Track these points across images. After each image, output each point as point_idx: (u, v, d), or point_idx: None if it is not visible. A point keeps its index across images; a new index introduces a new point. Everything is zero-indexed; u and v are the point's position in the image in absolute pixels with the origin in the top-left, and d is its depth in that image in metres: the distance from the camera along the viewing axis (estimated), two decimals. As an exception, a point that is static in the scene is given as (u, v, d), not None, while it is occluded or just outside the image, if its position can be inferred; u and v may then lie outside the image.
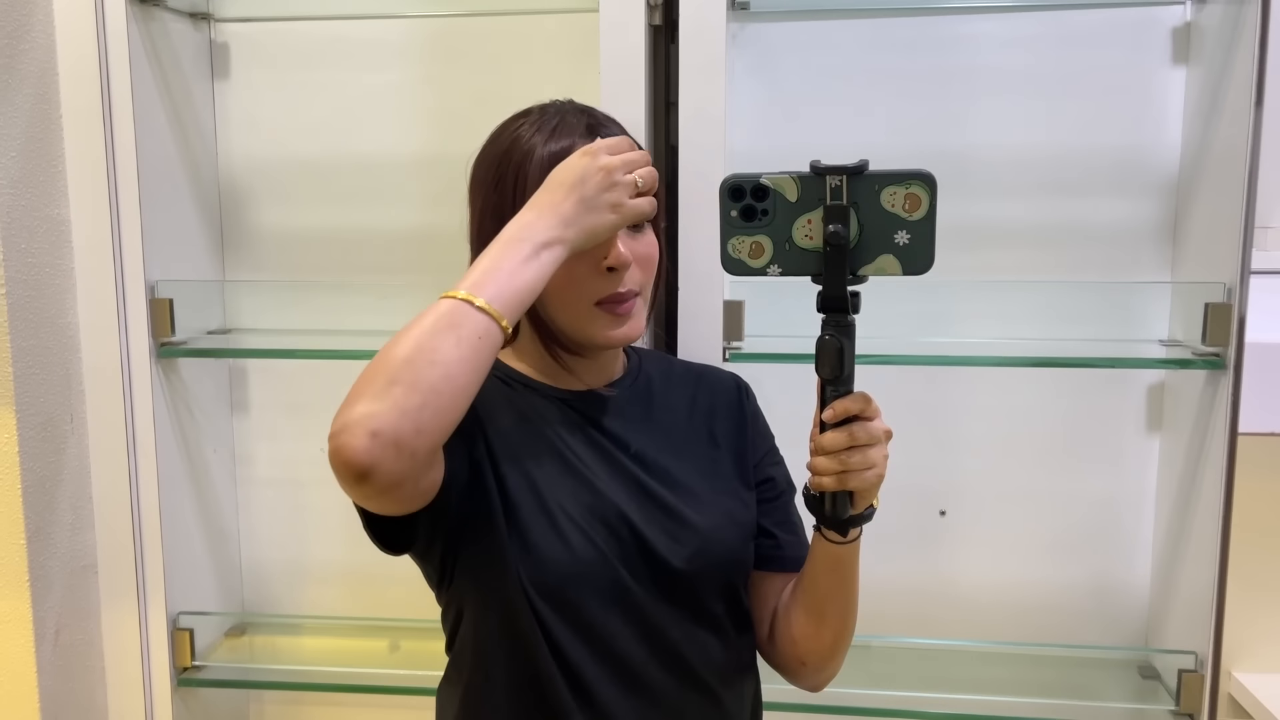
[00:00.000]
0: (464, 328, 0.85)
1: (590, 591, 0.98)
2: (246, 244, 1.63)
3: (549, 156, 0.97)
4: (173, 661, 1.50)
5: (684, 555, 1.02)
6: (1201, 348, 1.30)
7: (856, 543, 1.00)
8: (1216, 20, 1.34)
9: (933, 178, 0.88)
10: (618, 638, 1.00)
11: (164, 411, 1.48)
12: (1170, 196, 1.45)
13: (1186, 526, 1.41)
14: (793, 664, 1.10)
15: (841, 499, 0.94)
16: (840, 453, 0.91)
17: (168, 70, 1.48)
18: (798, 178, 0.91)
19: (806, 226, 0.91)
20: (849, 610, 1.05)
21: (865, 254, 0.90)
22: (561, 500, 0.99)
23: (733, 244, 0.94)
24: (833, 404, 0.91)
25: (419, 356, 0.83)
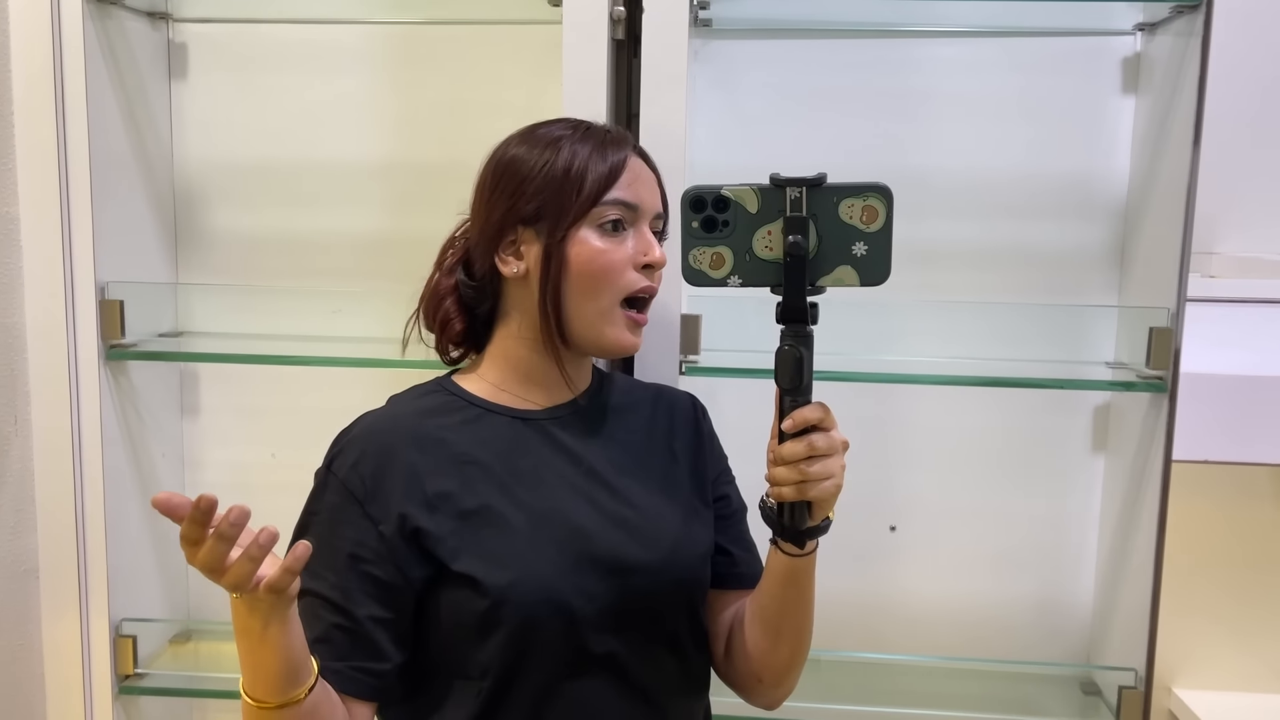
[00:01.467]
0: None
1: (546, 616, 0.98)
2: (201, 246, 1.61)
3: (610, 162, 1.02)
4: (114, 669, 1.47)
5: (645, 576, 1.02)
6: (1146, 371, 1.33)
7: (813, 555, 1.01)
8: (1165, 51, 1.37)
9: (889, 190, 0.90)
10: (574, 663, 1.00)
11: (112, 414, 1.45)
12: (1118, 222, 1.48)
13: (1128, 546, 1.44)
14: (749, 681, 1.11)
15: (799, 510, 0.95)
16: (800, 463, 0.92)
17: (124, 69, 1.47)
18: (758, 189, 0.92)
19: (766, 238, 0.93)
20: (805, 625, 1.06)
21: (824, 265, 0.92)
22: (514, 527, 1.00)
23: (694, 255, 0.95)
24: (792, 414, 0.92)
25: None
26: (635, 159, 1.05)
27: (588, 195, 1.01)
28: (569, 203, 1.01)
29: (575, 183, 1.01)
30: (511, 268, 1.04)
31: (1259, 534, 1.59)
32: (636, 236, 1.04)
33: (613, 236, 1.02)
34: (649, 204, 1.05)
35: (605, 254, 1.02)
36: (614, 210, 1.02)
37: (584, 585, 0.99)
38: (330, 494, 1.00)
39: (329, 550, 0.98)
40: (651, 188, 1.07)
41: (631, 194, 1.03)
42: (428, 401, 1.07)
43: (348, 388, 1.50)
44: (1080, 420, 1.54)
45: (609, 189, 1.02)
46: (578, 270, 1.01)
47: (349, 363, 1.44)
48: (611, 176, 1.02)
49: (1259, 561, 1.60)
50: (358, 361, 1.43)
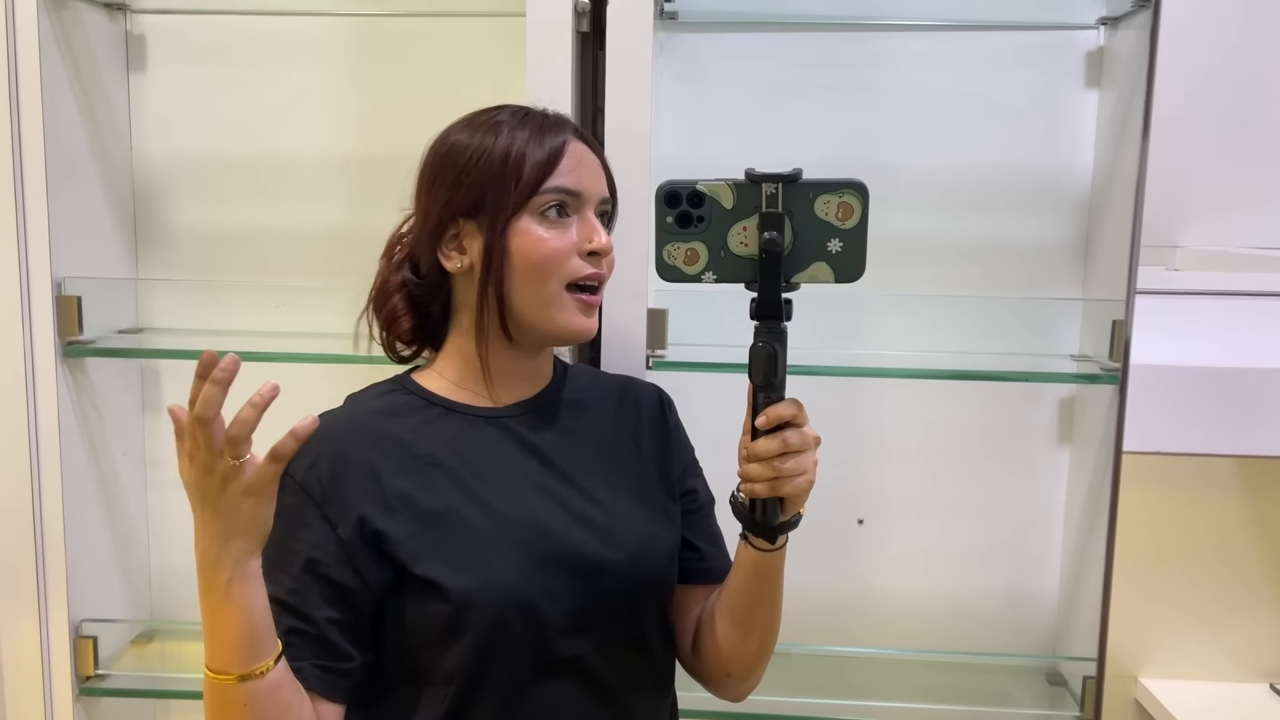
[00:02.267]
0: (228, 703, 0.88)
1: (509, 618, 0.97)
2: (162, 241, 1.59)
3: (548, 147, 1.00)
4: (75, 670, 1.45)
5: (612, 577, 1.01)
6: (1108, 363, 1.34)
7: (783, 550, 1.00)
8: (1127, 46, 1.38)
9: (865, 187, 0.90)
10: (540, 666, 0.99)
11: (70, 412, 1.43)
12: (1082, 215, 1.49)
13: (1092, 538, 1.45)
14: (717, 675, 1.10)
15: (772, 505, 0.94)
16: (773, 459, 0.92)
17: (80, 62, 1.44)
18: (733, 185, 0.92)
19: (741, 234, 0.92)
20: (774, 618, 1.06)
21: (799, 261, 0.91)
22: (476, 528, 0.98)
23: (668, 250, 0.94)
24: (766, 410, 0.92)
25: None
26: (576, 143, 1.03)
27: (526, 184, 0.99)
28: (507, 192, 0.99)
29: (513, 171, 0.99)
30: (455, 263, 1.02)
31: (1222, 524, 1.61)
32: (580, 223, 1.02)
33: (555, 224, 1.00)
34: (592, 189, 1.03)
35: (547, 242, 1.00)
36: (555, 198, 1.00)
37: (549, 587, 0.98)
38: (287, 495, 0.97)
39: (285, 553, 0.96)
40: (595, 173, 1.04)
41: (573, 180, 1.01)
42: (387, 401, 1.05)
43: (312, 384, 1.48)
44: (1045, 413, 1.55)
45: (548, 176, 1.00)
46: (520, 260, 0.99)
47: (313, 359, 1.42)
48: (550, 163, 1.00)
49: (1222, 551, 1.61)
50: (322, 358, 1.41)
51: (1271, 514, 1.62)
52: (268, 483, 0.84)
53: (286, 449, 0.83)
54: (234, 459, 0.82)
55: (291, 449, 0.83)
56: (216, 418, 0.81)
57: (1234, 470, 1.60)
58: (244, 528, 0.85)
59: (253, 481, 0.83)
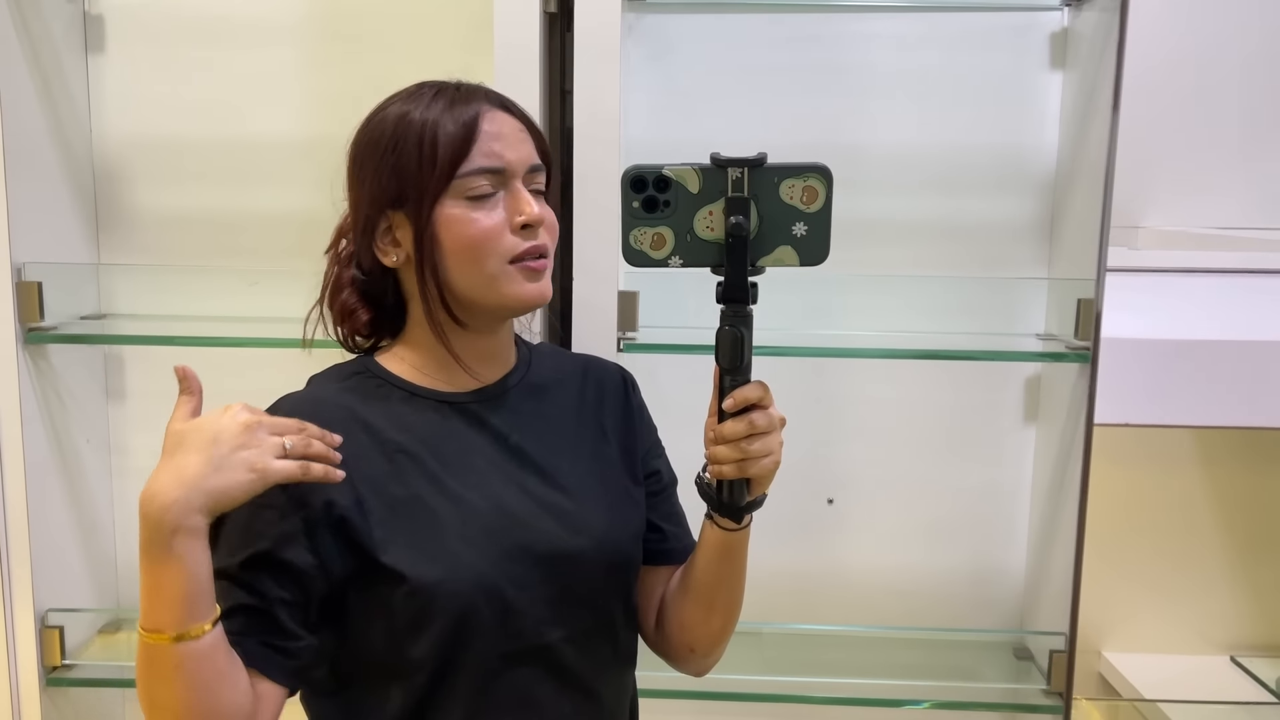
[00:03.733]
0: (160, 664, 0.86)
1: (477, 607, 0.96)
2: (123, 226, 1.56)
3: (461, 124, 0.96)
4: (41, 660, 1.44)
5: (578, 563, 1.01)
6: (1074, 341, 1.36)
7: (747, 529, 1.01)
8: (1091, 27, 1.39)
9: (829, 171, 0.90)
10: (508, 654, 0.99)
11: (31, 400, 1.41)
12: (1048, 195, 1.51)
13: (1058, 514, 1.47)
14: (681, 651, 1.11)
15: (739, 486, 0.95)
16: (740, 441, 0.92)
17: (37, 42, 1.41)
18: (699, 169, 0.92)
19: (708, 218, 0.92)
20: (737, 596, 1.07)
21: (764, 245, 0.92)
22: (441, 517, 0.98)
23: (634, 235, 0.94)
24: (732, 393, 0.92)
25: (151, 710, 0.89)
26: (493, 112, 0.98)
27: (443, 168, 0.95)
28: (426, 178, 0.96)
29: (429, 155, 0.95)
30: (392, 257, 1.00)
31: (1182, 499, 1.64)
32: (510, 196, 0.99)
33: (481, 203, 0.97)
34: (516, 162, 0.99)
35: (476, 222, 0.96)
36: (475, 180, 0.96)
37: (516, 576, 0.98)
38: None
39: (245, 533, 0.94)
40: (518, 143, 0.99)
41: (492, 158, 0.97)
42: (352, 385, 1.03)
43: (276, 369, 1.46)
44: (1012, 392, 1.56)
45: (465, 157, 0.96)
46: (452, 245, 0.97)
47: (277, 344, 1.41)
48: (466, 142, 0.96)
49: (1183, 525, 1.65)
50: (286, 342, 1.39)
51: (1230, 488, 1.65)
52: (276, 475, 0.87)
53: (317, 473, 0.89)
54: None
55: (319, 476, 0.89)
56: None
57: (1194, 445, 1.63)
58: (220, 488, 0.85)
59: (272, 466, 0.87)
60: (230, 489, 0.85)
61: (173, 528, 0.83)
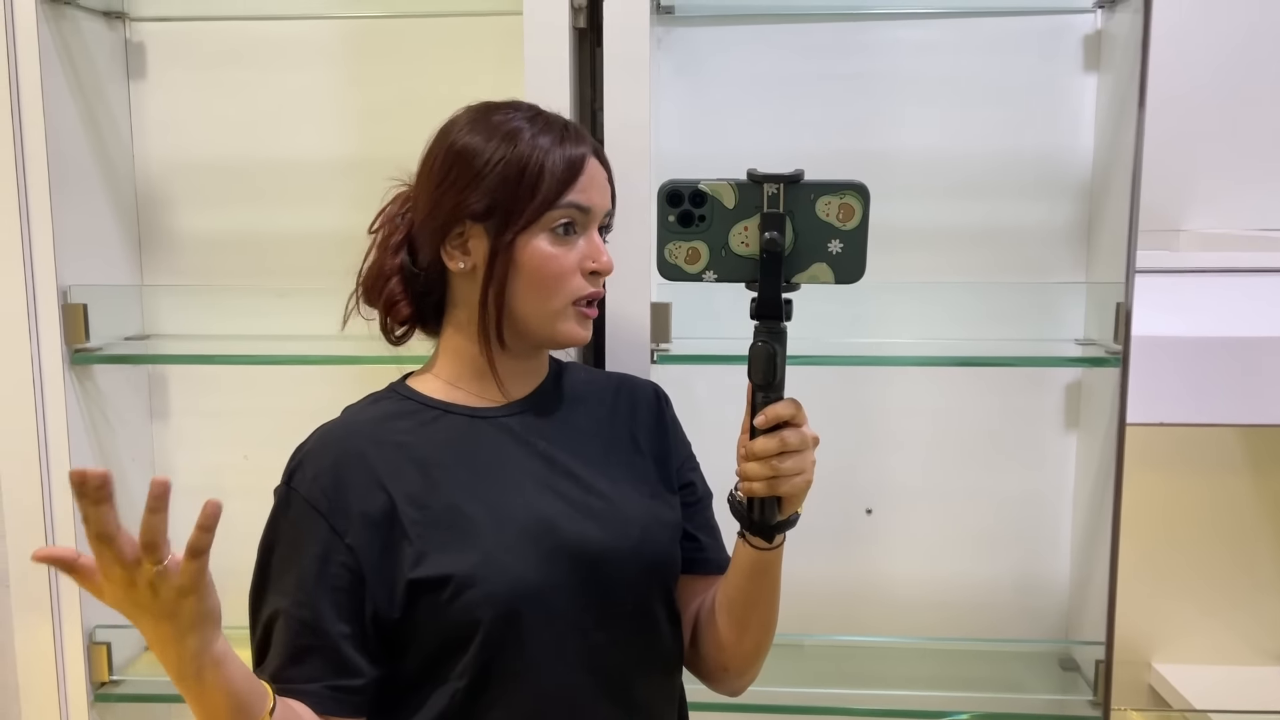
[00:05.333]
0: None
1: (520, 613, 0.97)
2: (165, 247, 1.59)
3: (569, 161, 1.00)
4: (89, 676, 1.46)
5: (617, 563, 1.02)
6: (1113, 346, 1.34)
7: (780, 549, 1.00)
8: (1125, 28, 1.38)
9: (866, 189, 0.90)
10: (550, 658, 0.99)
11: (78, 419, 1.44)
12: (1084, 199, 1.49)
13: (1101, 522, 1.44)
14: (715, 670, 1.11)
15: (770, 504, 0.95)
16: (771, 458, 0.92)
17: (80, 70, 1.45)
18: (735, 185, 0.92)
19: (743, 233, 0.92)
20: (771, 616, 1.06)
21: (799, 262, 0.92)
22: (481, 525, 0.99)
23: (669, 249, 0.94)
24: (764, 410, 0.92)
25: None
26: (593, 160, 1.03)
27: (543, 198, 0.99)
28: (523, 204, 0.98)
29: (530, 184, 0.98)
30: (458, 263, 1.02)
31: (1232, 503, 1.61)
32: (587, 241, 1.02)
33: (563, 241, 1.01)
34: (599, 207, 1.03)
35: (556, 259, 1.00)
36: (568, 214, 1.00)
37: (555, 578, 0.99)
38: (293, 510, 0.98)
39: (296, 568, 0.97)
40: (604, 188, 1.04)
41: (586, 197, 1.01)
42: (383, 407, 1.05)
43: (318, 387, 1.49)
44: (1052, 398, 1.54)
45: (566, 192, 0.99)
46: (527, 274, 1.00)
47: (319, 361, 1.43)
48: (569, 179, 1.00)
49: (1233, 531, 1.61)
50: (327, 359, 1.42)
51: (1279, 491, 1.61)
52: (198, 577, 0.80)
53: (203, 542, 0.79)
54: (154, 564, 0.78)
55: (207, 542, 0.79)
56: (119, 531, 0.77)
57: (1241, 448, 1.59)
58: (192, 623, 0.82)
59: (184, 582, 0.80)
60: (202, 615, 0.82)
61: (196, 669, 0.84)
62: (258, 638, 1.00)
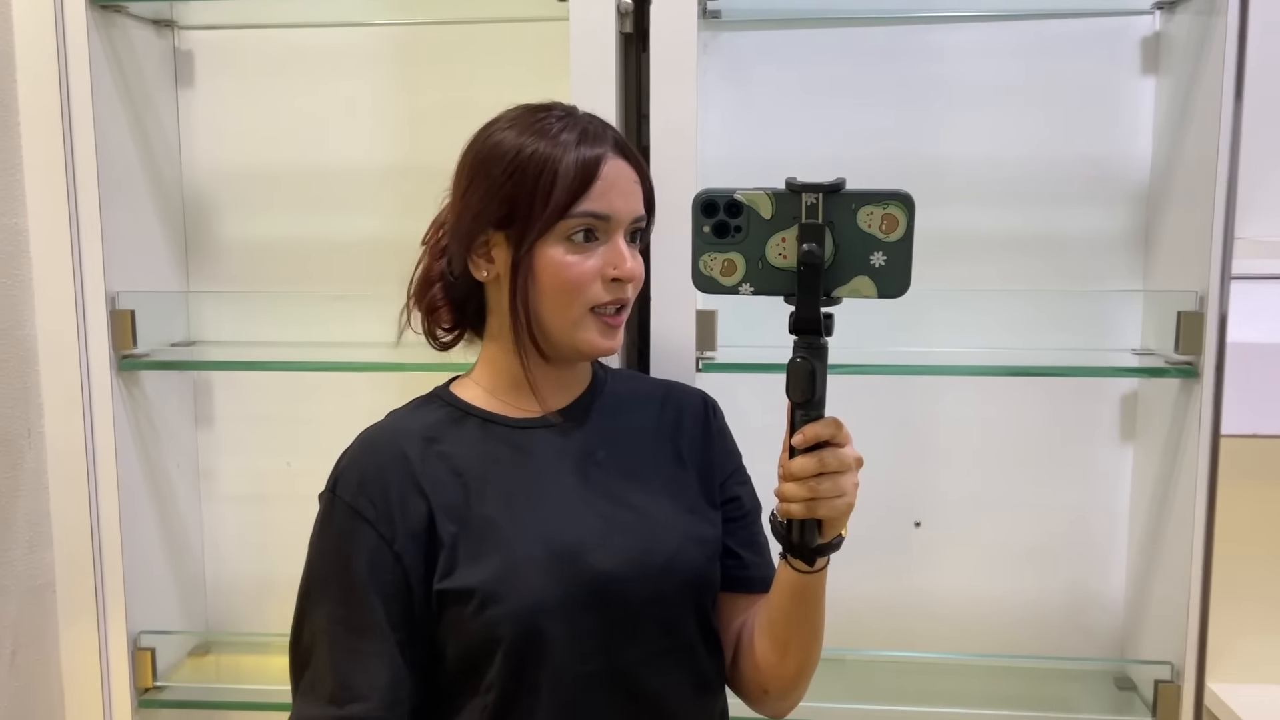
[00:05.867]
0: None
1: (546, 628, 0.96)
2: (211, 254, 1.60)
3: (582, 166, 0.97)
4: (133, 682, 1.46)
5: (650, 583, 1.00)
6: (1175, 356, 1.30)
7: (823, 572, 0.97)
8: (1185, 31, 1.34)
9: (911, 199, 0.87)
10: (581, 675, 0.97)
11: (125, 425, 1.44)
12: (1141, 206, 1.45)
13: (1161, 536, 1.40)
14: (755, 691, 1.08)
15: (810, 527, 0.92)
16: (810, 479, 0.89)
17: (129, 78, 1.46)
18: (773, 194, 0.89)
19: (780, 245, 0.89)
20: (814, 639, 1.03)
21: (840, 275, 0.88)
22: (511, 538, 0.98)
23: (704, 261, 0.92)
24: (803, 429, 0.89)
25: None
26: (614, 160, 0.99)
27: (556, 206, 0.96)
28: (537, 213, 0.96)
29: (544, 190, 0.96)
30: (483, 271, 1.02)
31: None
32: (608, 247, 0.99)
33: (581, 248, 0.98)
34: (623, 213, 1.00)
35: (571, 268, 0.98)
36: (583, 222, 0.97)
37: (586, 597, 0.97)
38: (338, 517, 0.98)
39: (345, 576, 0.97)
40: (628, 194, 1.01)
41: (603, 204, 0.98)
42: (426, 413, 1.05)
43: (362, 393, 1.49)
44: (1107, 409, 1.51)
45: (579, 200, 0.97)
46: (545, 281, 0.98)
47: (363, 367, 1.43)
48: (582, 186, 0.97)
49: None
50: (371, 366, 1.42)
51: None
52: None
53: None
54: None
55: None
56: None
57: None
58: None
59: None
60: None
61: None
62: (304, 645, 0.99)
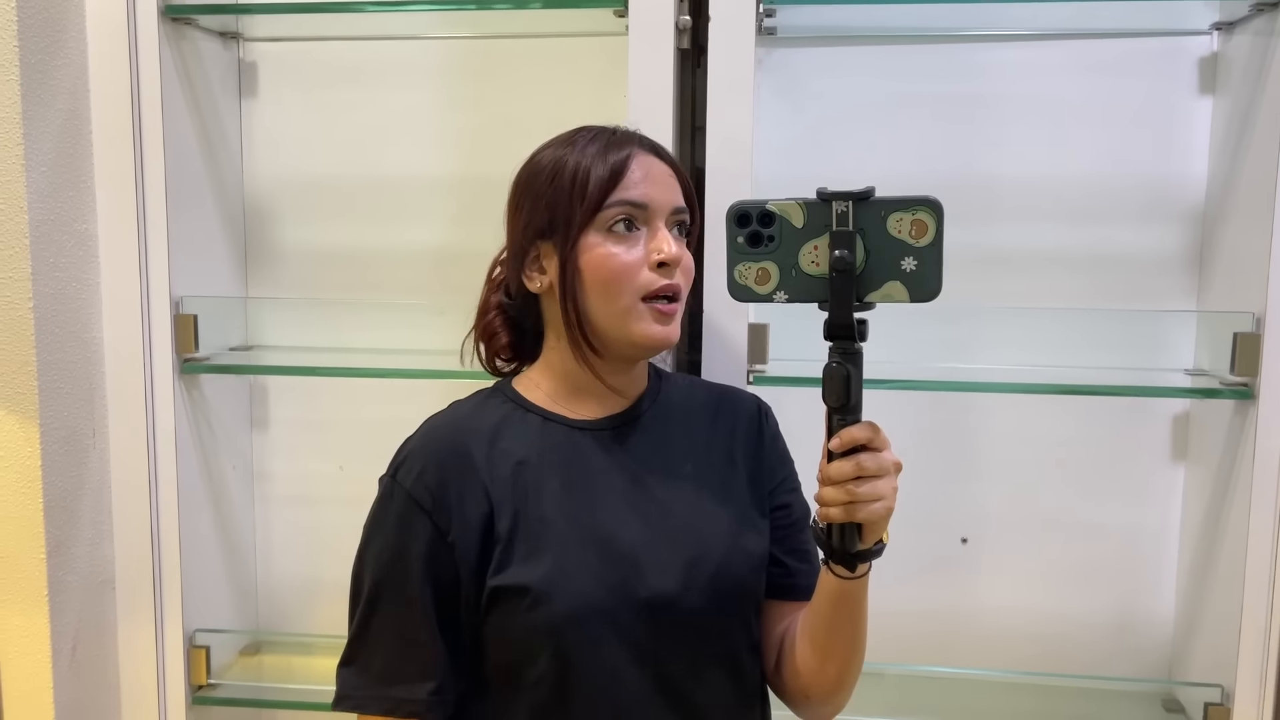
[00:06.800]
0: None
1: (593, 633, 0.97)
2: (270, 261, 1.64)
3: (611, 163, 1.00)
4: (188, 679, 1.49)
5: (695, 594, 1.01)
6: (1229, 377, 1.30)
7: (865, 579, 0.98)
8: (1244, 51, 1.34)
9: (939, 204, 0.88)
10: (623, 682, 0.99)
11: (185, 427, 1.47)
12: (1196, 225, 1.45)
13: (1213, 558, 1.39)
14: (797, 696, 1.09)
15: (849, 532, 0.92)
16: (847, 483, 0.90)
17: (197, 88, 1.49)
18: (804, 204, 0.91)
19: (813, 253, 0.91)
20: (856, 646, 1.03)
21: (872, 281, 0.90)
22: (565, 539, 0.99)
23: (739, 270, 0.94)
24: (839, 433, 0.90)
25: None
26: (644, 156, 1.03)
27: (591, 200, 0.99)
28: (574, 210, 1.00)
29: (579, 189, 0.99)
30: (536, 283, 1.04)
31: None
32: (650, 235, 1.02)
33: (624, 238, 1.01)
34: (660, 201, 1.02)
35: (616, 256, 1.00)
36: (621, 211, 1.00)
37: (632, 605, 0.99)
38: (396, 504, 1.00)
39: (400, 563, 0.98)
40: (664, 185, 1.03)
41: (639, 193, 1.01)
42: (490, 408, 1.07)
43: (414, 400, 1.50)
44: (1158, 429, 1.50)
45: (612, 191, 1.00)
46: (591, 276, 1.00)
47: (416, 375, 1.45)
48: (614, 178, 1.00)
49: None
50: (424, 374, 1.44)
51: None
52: None
53: None
54: None
55: None
56: None
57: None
58: None
59: None
60: None
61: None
62: (354, 630, 1.01)
